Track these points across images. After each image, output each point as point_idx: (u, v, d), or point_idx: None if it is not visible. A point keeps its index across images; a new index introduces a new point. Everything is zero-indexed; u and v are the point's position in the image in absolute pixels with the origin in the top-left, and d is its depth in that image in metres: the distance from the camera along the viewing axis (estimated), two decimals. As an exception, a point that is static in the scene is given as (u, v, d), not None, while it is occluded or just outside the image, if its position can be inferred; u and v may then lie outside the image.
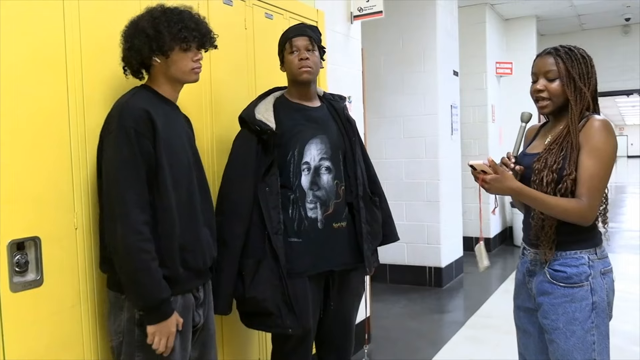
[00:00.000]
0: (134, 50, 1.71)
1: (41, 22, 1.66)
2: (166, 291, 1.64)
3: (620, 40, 8.59)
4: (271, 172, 2.14)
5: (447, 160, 5.43)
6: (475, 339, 3.94)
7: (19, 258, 1.58)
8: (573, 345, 1.74)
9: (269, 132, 2.11)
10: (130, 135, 1.61)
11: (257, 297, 2.08)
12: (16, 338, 1.56)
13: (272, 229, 2.10)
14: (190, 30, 1.74)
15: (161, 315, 1.64)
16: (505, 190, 1.75)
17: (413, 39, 5.34)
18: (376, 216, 2.37)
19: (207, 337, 1.91)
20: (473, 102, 6.90)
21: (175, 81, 1.80)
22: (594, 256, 1.77)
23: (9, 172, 1.55)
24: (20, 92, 1.59)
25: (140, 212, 1.61)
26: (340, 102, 2.38)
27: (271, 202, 2.11)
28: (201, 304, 1.86)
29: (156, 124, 1.66)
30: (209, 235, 1.88)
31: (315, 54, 2.22)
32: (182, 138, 1.80)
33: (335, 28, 3.48)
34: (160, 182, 1.67)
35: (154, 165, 1.66)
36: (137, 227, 1.59)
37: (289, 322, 2.09)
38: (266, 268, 2.09)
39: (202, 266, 1.83)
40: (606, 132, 1.73)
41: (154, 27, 1.69)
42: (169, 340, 1.66)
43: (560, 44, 1.84)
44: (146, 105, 1.68)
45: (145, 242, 1.60)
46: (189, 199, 1.78)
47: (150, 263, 1.61)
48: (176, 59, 1.74)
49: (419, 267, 5.40)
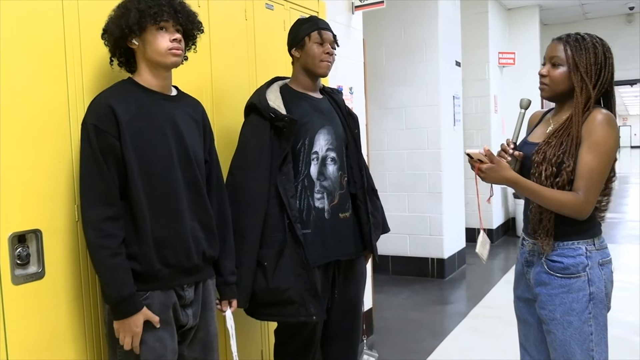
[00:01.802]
0: (107, 33, 1.70)
1: (40, 14, 1.65)
2: (127, 289, 1.60)
3: (624, 30, 8.53)
4: (287, 160, 2.11)
5: (449, 151, 5.42)
6: (477, 330, 3.95)
7: (20, 251, 1.58)
8: (570, 336, 1.74)
9: (286, 120, 2.06)
10: (91, 132, 1.60)
11: (281, 287, 2.06)
12: (18, 330, 1.56)
13: (294, 218, 2.08)
14: (160, 6, 1.68)
15: (122, 313, 1.60)
16: (501, 180, 1.74)
17: (415, 29, 5.31)
18: (377, 206, 2.41)
19: (207, 338, 1.86)
20: (475, 92, 6.88)
21: (155, 66, 1.73)
22: (592, 247, 1.76)
23: (9, 165, 1.55)
24: (20, 86, 1.59)
25: (102, 208, 1.60)
26: (340, 95, 2.40)
27: (289, 190, 2.09)
28: (190, 304, 1.79)
29: (120, 118, 1.62)
30: (199, 230, 1.80)
31: (334, 53, 2.25)
32: (163, 129, 1.72)
33: (336, 19, 3.46)
34: (128, 175, 1.64)
35: (120, 158, 1.63)
36: (95, 224, 1.58)
37: (313, 309, 2.08)
38: (288, 257, 2.07)
39: (187, 263, 1.75)
40: (608, 126, 1.70)
41: (122, 7, 1.68)
42: (134, 339, 1.62)
43: (577, 32, 1.79)
44: (113, 99, 1.64)
45: (103, 238, 1.58)
46: (167, 191, 1.72)
47: (109, 259, 1.58)
48: (151, 38, 1.69)
49: (422, 259, 5.41)
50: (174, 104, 1.81)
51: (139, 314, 1.62)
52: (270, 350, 2.60)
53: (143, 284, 1.65)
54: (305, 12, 2.88)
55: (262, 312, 2.16)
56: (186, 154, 1.77)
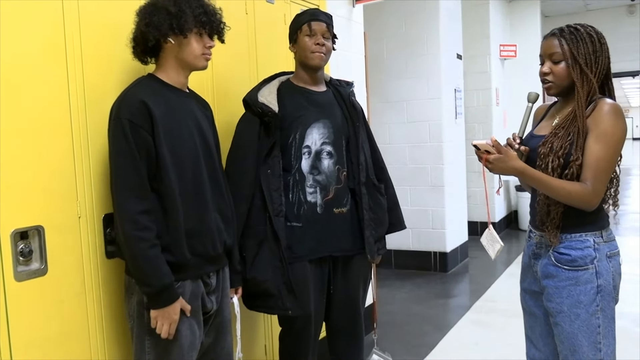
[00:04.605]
0: (152, 26, 1.70)
1: (41, 13, 1.64)
2: (168, 277, 1.66)
3: (626, 21, 8.49)
4: (273, 154, 2.14)
5: (451, 144, 5.41)
6: (480, 323, 3.94)
7: (22, 247, 1.58)
8: (578, 328, 1.74)
9: (269, 114, 2.12)
10: (125, 127, 1.63)
11: (258, 278, 2.11)
12: (21, 327, 1.56)
13: (274, 211, 2.12)
14: (209, 15, 1.78)
15: (163, 301, 1.66)
16: (509, 170, 1.73)
17: (416, 22, 5.28)
18: (380, 203, 2.35)
19: (222, 323, 1.93)
20: (477, 85, 6.85)
21: (184, 66, 1.81)
22: (599, 239, 1.75)
23: (11, 162, 1.55)
24: (21, 82, 1.59)
25: (137, 201, 1.64)
26: (347, 88, 2.37)
27: (273, 184, 2.13)
28: (213, 291, 1.87)
29: (154, 113, 1.67)
30: (220, 221, 1.88)
31: (329, 42, 2.24)
32: (188, 124, 1.80)
33: (337, 12, 3.44)
34: (162, 170, 1.69)
35: (153, 154, 1.68)
36: (131, 217, 1.62)
37: (288, 304, 2.12)
38: (267, 250, 2.12)
39: (212, 252, 1.83)
40: (615, 116, 1.69)
41: (176, 5, 1.71)
42: (171, 326, 1.68)
43: (568, 24, 1.79)
44: (145, 95, 1.68)
45: (141, 230, 1.63)
46: (195, 184, 1.79)
47: (148, 251, 1.63)
48: (191, 41, 1.76)
49: (424, 252, 5.40)
50: (192, 101, 1.89)
51: (177, 302, 1.69)
52: (274, 347, 2.60)
53: (176, 274, 1.70)
54: (305, 6, 2.86)
55: (250, 302, 2.21)
56: (208, 148, 1.87)
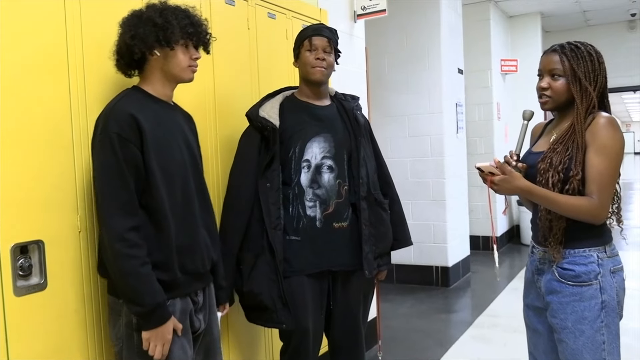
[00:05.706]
0: (138, 38, 1.65)
1: (42, 24, 1.65)
2: (160, 296, 1.60)
3: (626, 36, 8.51)
4: (272, 167, 2.14)
5: (453, 158, 5.41)
6: (483, 339, 3.91)
7: (22, 262, 1.57)
8: (582, 345, 1.72)
9: (268, 128, 2.13)
10: (114, 141, 1.57)
11: (254, 291, 2.12)
12: (20, 342, 1.55)
13: (271, 224, 2.12)
14: (196, 27, 1.74)
15: (155, 321, 1.60)
16: (515, 190, 1.73)
17: (417, 37, 5.31)
18: (382, 218, 2.32)
19: (212, 342, 1.89)
20: (478, 100, 6.86)
21: (170, 78, 1.76)
22: (603, 254, 1.74)
23: (11, 176, 1.54)
24: (22, 94, 1.59)
25: (126, 218, 1.58)
26: (352, 102, 2.36)
27: (271, 197, 2.13)
28: (201, 309, 1.82)
29: (143, 127, 1.61)
30: (207, 236, 1.84)
31: (331, 56, 2.24)
32: (176, 138, 1.76)
33: (338, 27, 3.45)
34: (152, 185, 1.64)
35: (142, 169, 1.63)
36: (121, 234, 1.56)
37: (283, 317, 2.12)
38: (263, 263, 2.12)
39: (201, 269, 1.79)
40: (612, 128, 1.70)
41: (162, 17, 1.67)
42: (165, 346, 1.62)
43: (568, 41, 1.81)
44: (133, 108, 1.63)
45: (131, 248, 1.56)
46: (184, 199, 1.74)
47: (139, 268, 1.57)
48: (177, 53, 1.72)
49: (426, 267, 5.37)
50: (178, 114, 1.85)
51: (170, 321, 1.64)
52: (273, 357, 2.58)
53: (166, 292, 1.65)
54: (307, 21, 2.88)
55: (248, 315, 2.22)
56: (195, 162, 1.84)
